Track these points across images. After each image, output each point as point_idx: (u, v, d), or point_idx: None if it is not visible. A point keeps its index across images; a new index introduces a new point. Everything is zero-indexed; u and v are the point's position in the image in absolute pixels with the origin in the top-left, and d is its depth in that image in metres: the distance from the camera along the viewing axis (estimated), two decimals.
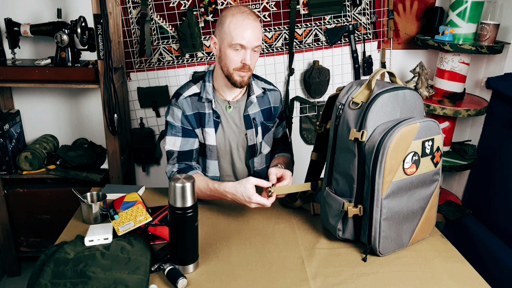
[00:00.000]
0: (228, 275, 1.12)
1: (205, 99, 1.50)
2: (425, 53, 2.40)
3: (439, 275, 1.14)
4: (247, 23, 1.37)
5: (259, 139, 1.58)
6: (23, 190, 2.16)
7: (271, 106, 1.61)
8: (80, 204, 1.35)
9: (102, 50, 1.93)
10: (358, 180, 1.17)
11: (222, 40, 1.41)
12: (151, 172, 2.53)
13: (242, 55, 1.40)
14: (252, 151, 1.58)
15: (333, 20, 2.28)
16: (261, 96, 1.58)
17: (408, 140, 1.12)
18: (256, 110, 1.57)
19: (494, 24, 2.02)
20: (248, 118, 1.55)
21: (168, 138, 1.52)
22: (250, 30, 1.37)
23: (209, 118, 1.51)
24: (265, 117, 1.59)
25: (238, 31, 1.37)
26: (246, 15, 1.38)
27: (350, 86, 1.22)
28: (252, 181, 1.31)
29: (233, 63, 1.42)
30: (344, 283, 1.10)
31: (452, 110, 2.09)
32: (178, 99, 1.50)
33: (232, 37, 1.38)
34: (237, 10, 1.40)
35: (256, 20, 1.40)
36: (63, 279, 1.03)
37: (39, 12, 2.16)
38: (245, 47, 1.38)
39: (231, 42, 1.38)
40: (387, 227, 1.16)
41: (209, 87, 1.51)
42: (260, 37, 1.42)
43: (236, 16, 1.38)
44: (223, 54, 1.43)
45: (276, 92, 1.64)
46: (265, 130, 1.60)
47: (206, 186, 1.42)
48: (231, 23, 1.38)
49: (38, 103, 2.33)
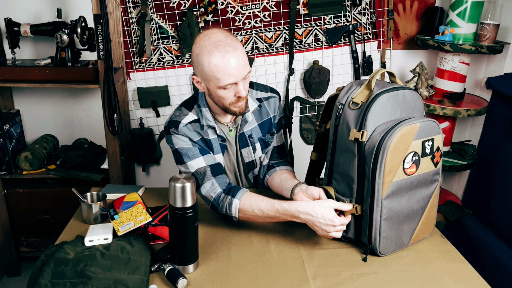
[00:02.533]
0: (228, 275, 1.12)
1: (206, 126, 1.38)
2: (425, 53, 2.40)
3: (439, 275, 1.14)
4: (228, 58, 1.20)
5: (257, 155, 1.51)
6: (23, 190, 2.16)
7: (270, 117, 1.49)
8: (80, 204, 1.35)
9: (102, 50, 1.93)
10: (358, 180, 1.17)
11: (208, 82, 1.27)
12: (151, 172, 2.53)
13: (235, 90, 1.27)
14: (250, 167, 1.53)
15: (333, 20, 2.28)
16: (257, 110, 1.46)
17: (408, 140, 1.12)
18: (253, 126, 1.46)
19: (494, 24, 2.02)
20: (243, 136, 1.45)
21: (188, 165, 1.35)
22: (235, 63, 1.21)
23: (216, 143, 1.42)
24: (264, 131, 1.49)
25: (222, 71, 1.21)
26: (223, 47, 1.21)
27: (350, 86, 1.22)
28: (332, 204, 1.16)
29: (227, 100, 1.29)
30: (344, 283, 1.10)
31: (452, 110, 2.09)
32: (178, 127, 1.36)
33: (218, 79, 1.23)
34: (212, 44, 1.21)
35: (235, 47, 1.22)
36: (63, 279, 1.03)
37: (39, 12, 2.16)
38: (235, 82, 1.25)
39: (218, 84, 1.24)
40: (388, 227, 1.16)
41: (207, 113, 1.38)
42: (247, 61, 1.26)
43: (213, 55, 1.20)
44: (213, 93, 1.29)
45: (274, 98, 1.50)
46: (264, 146, 1.52)
47: (270, 207, 1.23)
48: (211, 65, 1.21)
49: (38, 103, 2.33)
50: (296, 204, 1.20)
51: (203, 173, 1.34)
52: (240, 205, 1.27)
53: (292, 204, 1.21)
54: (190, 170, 1.36)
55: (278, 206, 1.22)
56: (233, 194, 1.29)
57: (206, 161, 1.35)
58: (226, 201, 1.29)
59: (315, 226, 1.18)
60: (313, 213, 1.17)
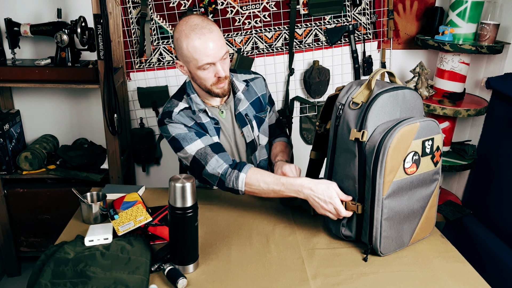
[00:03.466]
0: (228, 275, 1.12)
1: (198, 110, 1.44)
2: (425, 53, 2.40)
3: (439, 275, 1.14)
4: (204, 40, 1.28)
5: (255, 133, 1.56)
6: (23, 190, 2.16)
7: (258, 96, 1.58)
8: (80, 204, 1.35)
9: (102, 50, 1.93)
10: (359, 180, 1.17)
11: (188, 64, 1.35)
12: (151, 172, 2.53)
13: (214, 70, 1.34)
14: (252, 147, 1.57)
15: (333, 20, 2.28)
16: (246, 90, 1.54)
17: (408, 139, 1.12)
18: (246, 105, 1.53)
19: (494, 24, 2.02)
20: (240, 116, 1.51)
21: (186, 149, 1.39)
22: (211, 44, 1.29)
23: (210, 126, 1.46)
24: (257, 109, 1.57)
25: (199, 52, 1.29)
26: (199, 29, 1.29)
27: (350, 86, 1.22)
28: (335, 187, 1.22)
29: (208, 81, 1.37)
30: (344, 283, 1.10)
31: (452, 110, 2.09)
32: (172, 116, 1.42)
33: (196, 59, 1.31)
34: (189, 28, 1.29)
35: (211, 29, 1.30)
36: (63, 279, 1.03)
37: (39, 12, 2.16)
38: (213, 62, 1.32)
39: (197, 64, 1.32)
40: (388, 227, 1.16)
41: (197, 98, 1.45)
42: (223, 43, 1.33)
43: (190, 37, 1.29)
44: (195, 75, 1.37)
45: (258, 78, 1.60)
46: (259, 123, 1.58)
47: (276, 181, 1.28)
48: (189, 46, 1.29)
49: (38, 103, 2.33)
50: (301, 179, 1.26)
51: (205, 153, 1.38)
52: (246, 178, 1.31)
53: (297, 179, 1.27)
54: (190, 153, 1.39)
55: (284, 180, 1.28)
56: (240, 168, 1.33)
57: (204, 142, 1.40)
58: (233, 175, 1.33)
59: (314, 202, 1.23)
60: (314, 189, 1.22)
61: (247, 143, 1.56)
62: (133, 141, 2.35)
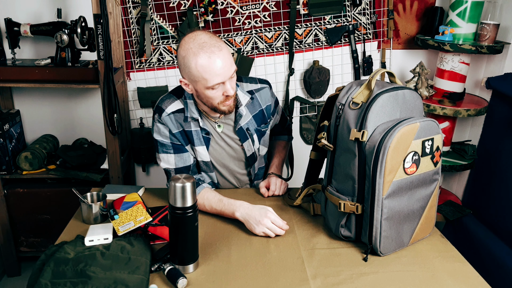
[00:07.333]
0: (228, 275, 1.12)
1: (190, 118, 1.42)
2: (425, 53, 2.40)
3: (439, 275, 1.14)
4: (214, 58, 1.24)
5: (256, 146, 1.54)
6: (23, 190, 2.16)
7: (262, 108, 1.53)
8: (80, 204, 1.35)
9: (102, 50, 1.93)
10: (359, 180, 1.17)
11: (196, 83, 1.30)
12: (151, 172, 2.53)
13: (222, 89, 1.31)
14: (252, 160, 1.56)
15: (333, 20, 2.28)
16: (250, 103, 1.49)
17: (408, 139, 1.12)
18: (248, 119, 1.50)
19: (494, 24, 2.02)
20: (241, 130, 1.48)
21: (161, 156, 1.45)
22: (220, 63, 1.25)
23: (197, 135, 1.44)
24: (259, 122, 1.53)
25: (209, 71, 1.25)
26: (208, 47, 1.25)
27: (350, 86, 1.22)
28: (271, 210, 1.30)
29: (216, 100, 1.33)
30: (344, 283, 1.10)
31: (452, 110, 2.09)
32: (161, 115, 1.41)
33: (206, 79, 1.27)
34: (197, 46, 1.25)
35: (220, 47, 1.26)
36: (63, 278, 1.04)
37: (39, 12, 2.16)
38: (223, 82, 1.29)
39: (206, 84, 1.28)
40: (388, 227, 1.16)
41: (193, 106, 1.42)
42: (232, 61, 1.30)
43: (199, 56, 1.24)
44: (201, 94, 1.33)
45: (265, 88, 1.54)
46: (260, 135, 1.55)
47: (219, 202, 1.37)
48: (198, 66, 1.25)
49: (38, 103, 2.33)
50: (241, 202, 1.34)
51: (169, 173, 1.46)
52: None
53: (237, 201, 1.34)
54: (160, 163, 1.46)
55: (226, 201, 1.36)
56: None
57: (175, 161, 1.44)
58: None
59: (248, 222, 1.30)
60: (251, 207, 1.31)
61: (247, 156, 1.54)
62: (133, 141, 2.35)
